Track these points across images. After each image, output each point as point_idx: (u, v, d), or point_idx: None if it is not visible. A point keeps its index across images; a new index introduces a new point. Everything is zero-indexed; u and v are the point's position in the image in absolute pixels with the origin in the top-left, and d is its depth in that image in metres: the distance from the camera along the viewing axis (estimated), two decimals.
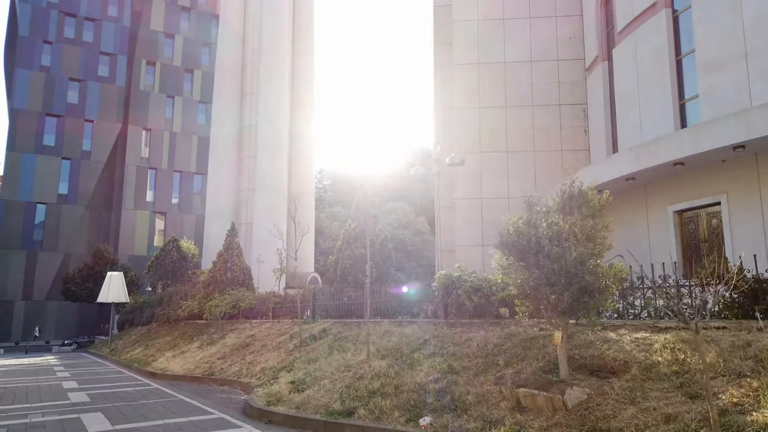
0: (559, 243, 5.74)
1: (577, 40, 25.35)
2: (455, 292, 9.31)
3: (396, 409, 6.83)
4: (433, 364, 7.78)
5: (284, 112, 35.47)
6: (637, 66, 20.29)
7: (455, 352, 7.94)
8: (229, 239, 22.50)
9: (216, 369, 13.74)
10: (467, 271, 9.72)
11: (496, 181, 24.66)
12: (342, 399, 7.63)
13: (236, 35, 37.14)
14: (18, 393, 12.35)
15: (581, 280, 5.49)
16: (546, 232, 5.84)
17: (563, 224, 5.80)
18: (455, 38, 26.33)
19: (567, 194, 6.02)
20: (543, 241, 5.77)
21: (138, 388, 12.68)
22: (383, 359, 8.78)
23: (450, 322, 9.61)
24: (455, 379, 7.04)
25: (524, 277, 5.95)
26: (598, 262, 5.71)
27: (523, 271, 5.96)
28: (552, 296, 5.79)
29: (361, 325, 12.18)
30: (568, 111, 24.98)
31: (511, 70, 25.41)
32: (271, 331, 15.05)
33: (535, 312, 6.35)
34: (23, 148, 50.42)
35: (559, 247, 5.69)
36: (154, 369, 16.09)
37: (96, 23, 56.05)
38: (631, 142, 19.83)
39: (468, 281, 9.02)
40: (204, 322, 20.58)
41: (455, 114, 25.46)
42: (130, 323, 31.63)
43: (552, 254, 5.63)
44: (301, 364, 10.96)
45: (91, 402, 10.62)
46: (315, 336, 12.75)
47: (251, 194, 34.51)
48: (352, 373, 8.57)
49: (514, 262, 6.14)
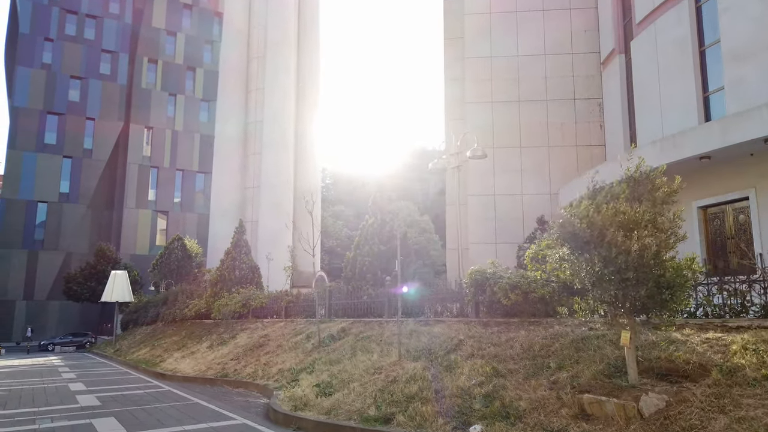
0: (628, 233, 5.20)
1: (592, 33, 24.80)
2: (490, 289, 8.77)
3: (439, 415, 6.29)
4: (473, 366, 7.23)
5: (290, 109, 34.93)
6: (657, 58, 19.73)
7: (497, 354, 7.39)
8: (237, 237, 21.95)
9: (229, 370, 13.19)
10: (501, 267, 9.18)
11: (509, 178, 24.12)
12: (377, 404, 7.08)
13: (241, 30, 36.57)
14: (24, 396, 11.81)
15: (658, 274, 4.95)
16: (612, 221, 5.29)
17: (631, 212, 5.24)
18: (467, 31, 25.78)
19: (634, 179, 5.47)
20: (611, 231, 5.22)
21: (149, 391, 12.14)
22: (415, 361, 8.23)
23: (483, 321, 9.06)
24: (502, 383, 6.49)
25: (589, 271, 5.39)
26: (674, 255, 5.16)
27: (587, 264, 5.41)
28: (620, 292, 5.24)
29: (383, 324, 11.64)
30: (583, 106, 24.44)
31: (525, 64, 24.87)
32: (285, 331, 14.50)
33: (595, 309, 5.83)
34: (24, 147, 49.87)
35: (630, 238, 5.15)
36: (163, 370, 15.54)
37: (97, 20, 55.48)
38: (651, 136, 19.27)
39: (505, 277, 8.48)
40: (212, 322, 20.03)
41: (468, 109, 24.92)
42: (134, 323, 31.08)
43: (624, 245, 5.08)
44: (323, 366, 10.42)
45: (101, 406, 10.08)
46: (334, 336, 12.20)
47: (257, 192, 33.96)
48: (383, 376, 8.02)
49: (575, 255, 5.58)
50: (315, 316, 15.26)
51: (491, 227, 23.87)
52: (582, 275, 5.45)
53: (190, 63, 58.82)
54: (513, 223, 23.64)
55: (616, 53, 22.88)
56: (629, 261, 5.02)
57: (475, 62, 25.40)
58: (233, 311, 18.27)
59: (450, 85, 26.69)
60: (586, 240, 5.48)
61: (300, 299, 16.37)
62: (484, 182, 23.95)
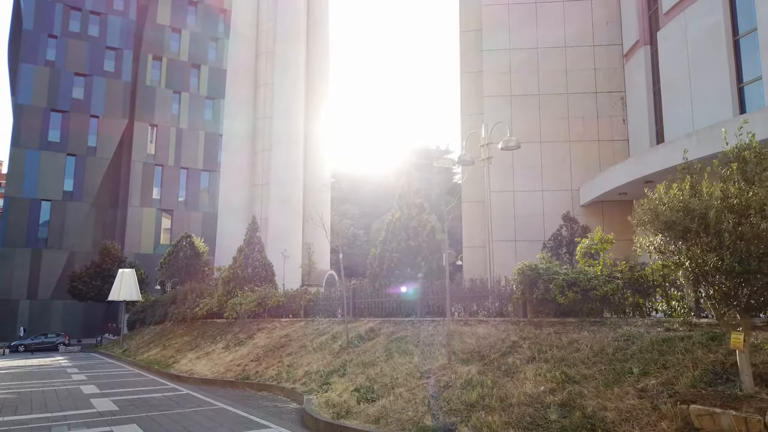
0: (742, 218, 4.52)
1: (614, 25, 24.08)
2: (543, 286, 8.08)
3: (509, 426, 5.60)
4: (538, 371, 6.54)
5: (299, 104, 34.25)
6: (687, 48, 19.03)
7: (563, 358, 6.69)
8: (250, 233, 21.27)
9: (251, 372, 12.51)
10: (554, 262, 8.50)
11: (529, 174, 23.42)
12: (432, 412, 6.39)
13: (249, 25, 35.87)
14: (35, 399, 11.13)
15: None
16: (721, 205, 4.60)
17: (742, 195, 4.56)
18: (484, 23, 25.07)
19: (743, 158, 4.79)
20: (721, 216, 4.54)
21: (167, 394, 11.46)
22: (466, 364, 7.54)
23: (533, 321, 8.37)
24: (578, 391, 5.80)
25: (693, 264, 4.71)
26: None
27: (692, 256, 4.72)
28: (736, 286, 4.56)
29: (416, 324, 10.96)
30: (605, 99, 23.72)
31: (544, 57, 24.17)
32: (307, 331, 13.82)
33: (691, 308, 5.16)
34: (28, 144, 49.24)
35: (744, 224, 4.47)
36: (178, 372, 14.86)
37: (102, 17, 54.83)
38: (681, 130, 18.57)
39: (561, 273, 7.79)
40: (225, 321, 19.36)
41: (485, 103, 24.21)
42: (141, 322, 30.44)
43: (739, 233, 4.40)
44: (355, 368, 9.74)
45: (119, 411, 9.39)
46: (362, 336, 11.52)
47: (266, 189, 33.28)
48: (432, 381, 7.34)
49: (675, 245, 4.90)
50: (335, 315, 14.62)
51: (510, 225, 23.16)
52: (688, 266, 4.76)
53: (195, 60, 58.16)
54: (533, 221, 22.95)
55: (641, 45, 22.18)
56: (751, 250, 4.34)
57: (493, 55, 24.70)
58: (249, 310, 17.60)
59: (466, 79, 25.95)
60: (685, 228, 4.80)
61: (320, 298, 15.69)
62: (502, 178, 23.22)
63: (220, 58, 58.81)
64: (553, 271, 7.97)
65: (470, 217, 24.35)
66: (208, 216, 54.65)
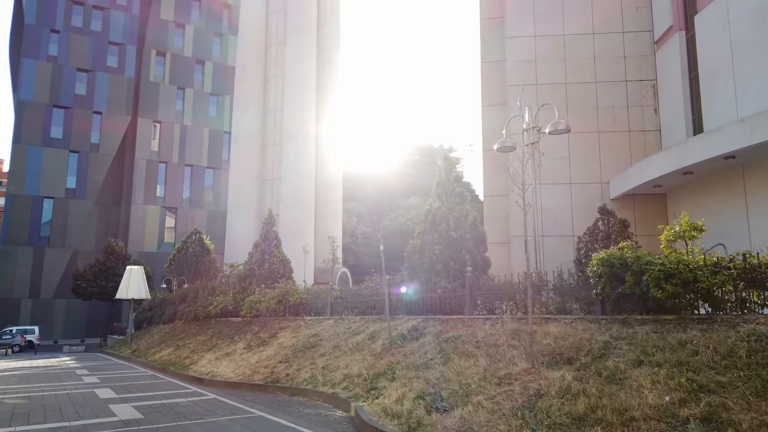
0: None
1: (645, 10, 23.05)
2: (632, 278, 7.08)
3: None
4: (654, 378, 5.54)
5: (310, 97, 33.23)
6: (730, 32, 18.02)
7: (681, 361, 5.69)
8: (266, 228, 20.26)
9: (281, 375, 11.51)
10: (642, 251, 7.51)
11: (556, 166, 22.40)
12: (531, 427, 5.40)
13: (259, 15, 34.84)
14: (48, 405, 10.12)
15: None
16: None
17: None
18: (508, 9, 24.05)
19: None
20: None
21: (193, 399, 10.45)
22: (555, 369, 6.53)
23: (618, 318, 7.36)
24: (720, 402, 4.81)
25: None
26: None
27: None
28: None
29: (466, 322, 9.95)
30: (635, 88, 22.71)
31: (571, 44, 23.15)
32: (338, 330, 12.82)
33: None
34: (30, 141, 48.23)
35: None
36: (198, 374, 13.86)
37: (104, 12, 53.83)
38: (723, 119, 17.55)
39: (657, 264, 6.79)
40: (241, 320, 18.35)
41: (509, 92, 23.19)
42: (149, 321, 29.44)
43: None
44: (406, 371, 8.74)
45: (145, 420, 8.38)
46: (405, 336, 10.52)
47: (277, 184, 32.28)
48: (518, 388, 6.33)
49: None
50: (366, 313, 13.63)
51: (536, 219, 22.14)
52: None
53: (199, 56, 57.17)
54: (561, 215, 21.95)
55: (675, 30, 21.17)
56: None
57: (517, 42, 23.68)
58: (269, 308, 16.59)
59: (487, 68, 24.91)
60: None
61: (348, 294, 14.69)
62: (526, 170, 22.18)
63: (224, 55, 57.84)
64: (646, 260, 6.96)
65: (492, 213, 23.40)
66: (213, 214, 53.69)
